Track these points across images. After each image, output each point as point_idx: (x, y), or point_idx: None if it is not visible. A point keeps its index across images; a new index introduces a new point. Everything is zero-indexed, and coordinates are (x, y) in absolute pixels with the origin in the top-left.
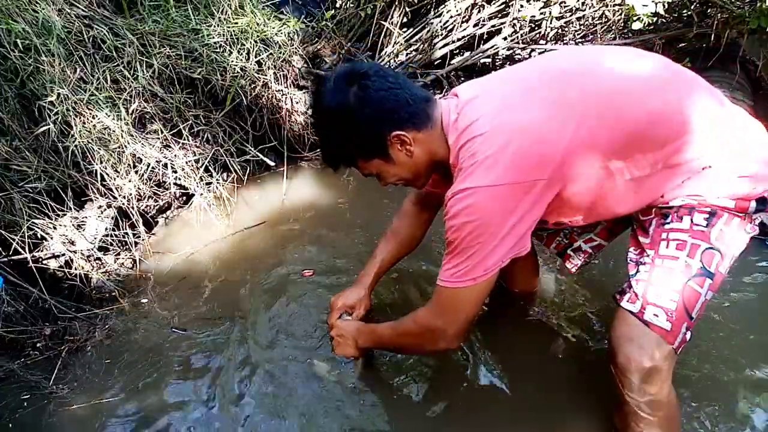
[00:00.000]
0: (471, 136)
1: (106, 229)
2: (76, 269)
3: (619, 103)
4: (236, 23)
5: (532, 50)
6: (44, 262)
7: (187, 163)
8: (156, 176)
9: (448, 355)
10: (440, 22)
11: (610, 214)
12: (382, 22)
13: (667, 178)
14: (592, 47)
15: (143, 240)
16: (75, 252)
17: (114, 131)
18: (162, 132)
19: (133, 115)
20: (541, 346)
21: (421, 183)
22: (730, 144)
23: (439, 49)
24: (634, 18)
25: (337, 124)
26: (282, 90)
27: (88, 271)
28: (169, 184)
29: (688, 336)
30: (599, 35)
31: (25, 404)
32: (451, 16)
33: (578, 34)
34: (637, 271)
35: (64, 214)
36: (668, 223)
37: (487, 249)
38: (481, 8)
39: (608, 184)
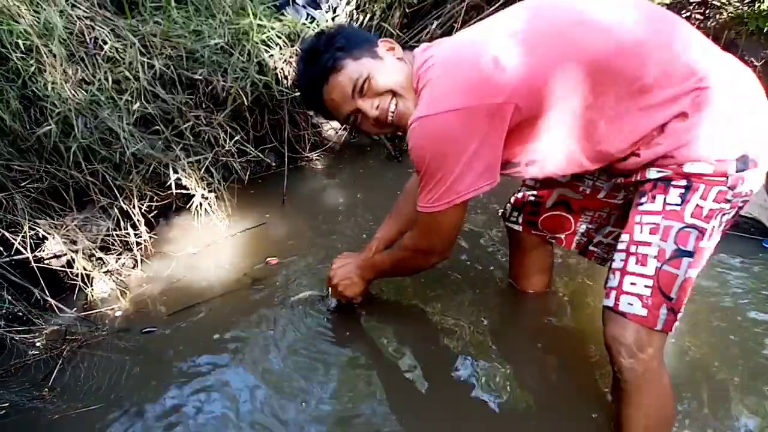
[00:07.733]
0: (431, 63)
1: (107, 229)
2: (77, 269)
3: (587, 32)
4: (237, 24)
5: None
6: (46, 262)
7: (188, 163)
8: (157, 177)
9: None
10: (440, 23)
11: (581, 155)
12: (383, 23)
13: (642, 122)
14: None
15: (144, 240)
16: (76, 252)
17: (115, 132)
18: (163, 133)
19: (135, 116)
20: (548, 347)
21: (410, 102)
22: (714, 94)
23: None
24: None
25: (327, 39)
26: (283, 91)
27: (89, 271)
28: (171, 184)
29: (677, 315)
30: None
31: (24, 405)
32: (452, 17)
33: None
34: (613, 260)
35: (66, 214)
36: (642, 204)
37: (454, 174)
38: (481, 9)
39: (574, 117)
